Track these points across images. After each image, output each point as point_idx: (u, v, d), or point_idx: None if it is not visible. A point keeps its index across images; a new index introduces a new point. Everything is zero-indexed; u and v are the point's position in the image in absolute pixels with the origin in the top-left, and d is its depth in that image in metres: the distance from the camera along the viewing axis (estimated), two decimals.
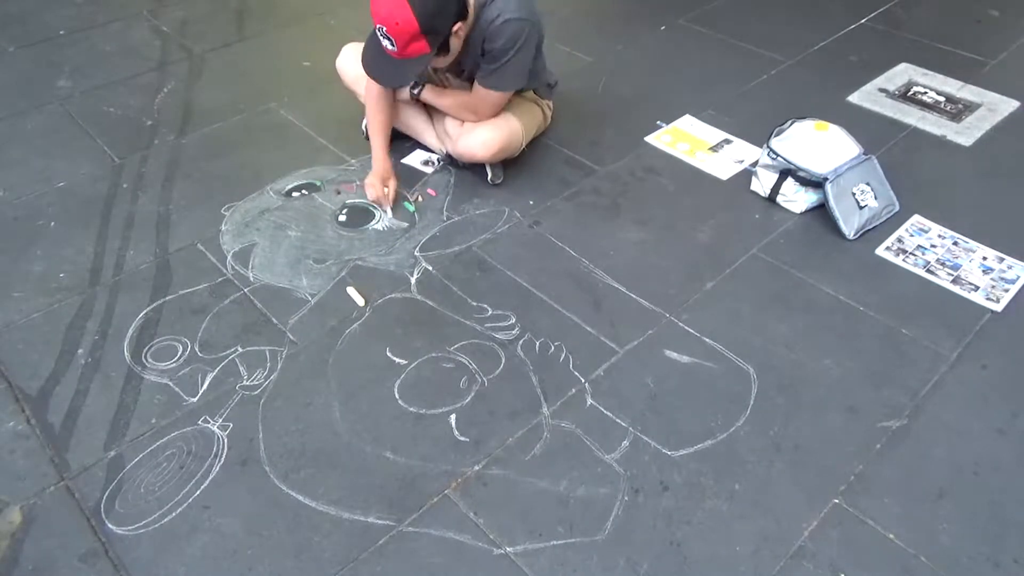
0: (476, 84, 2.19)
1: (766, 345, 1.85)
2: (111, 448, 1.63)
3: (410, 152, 2.49)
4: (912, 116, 2.66)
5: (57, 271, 2.06)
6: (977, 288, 2.00)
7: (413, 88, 2.30)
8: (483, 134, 2.22)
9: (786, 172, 2.22)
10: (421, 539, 1.47)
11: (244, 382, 1.77)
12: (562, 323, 1.91)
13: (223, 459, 1.61)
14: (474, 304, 1.96)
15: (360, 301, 1.97)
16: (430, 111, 2.41)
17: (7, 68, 2.97)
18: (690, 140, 2.55)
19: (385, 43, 1.95)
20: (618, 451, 1.62)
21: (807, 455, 1.62)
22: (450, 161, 2.40)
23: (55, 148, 2.53)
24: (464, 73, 2.24)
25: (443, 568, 1.43)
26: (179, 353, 1.83)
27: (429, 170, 2.42)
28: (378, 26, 1.93)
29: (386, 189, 2.26)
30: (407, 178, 2.39)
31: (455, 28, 1.98)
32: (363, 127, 2.52)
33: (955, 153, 2.50)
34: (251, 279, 2.04)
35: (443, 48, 2.01)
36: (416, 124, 2.44)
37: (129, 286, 2.02)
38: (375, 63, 2.06)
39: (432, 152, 2.47)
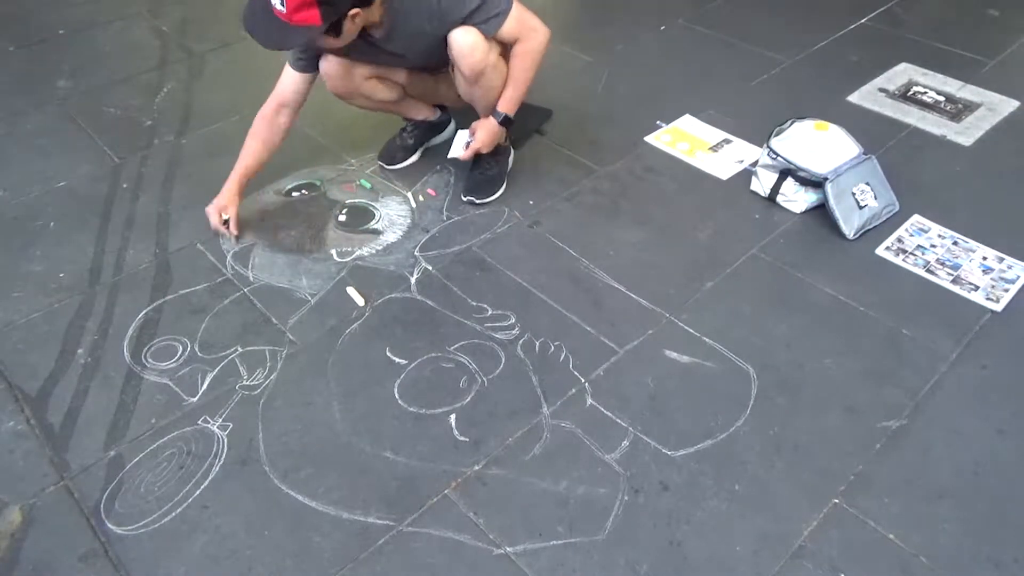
0: (498, 37, 1.97)
1: (766, 345, 1.85)
2: (111, 448, 1.63)
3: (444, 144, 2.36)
4: (912, 116, 2.66)
5: (57, 271, 2.06)
6: (977, 288, 2.00)
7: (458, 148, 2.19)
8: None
9: (786, 172, 2.22)
10: (421, 539, 1.47)
11: (244, 382, 1.77)
12: (562, 323, 1.91)
13: (223, 459, 1.61)
14: (474, 304, 1.96)
15: (360, 301, 1.97)
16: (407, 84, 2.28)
17: (7, 68, 2.97)
18: (690, 140, 2.55)
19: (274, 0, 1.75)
20: (618, 451, 1.62)
21: (807, 455, 1.62)
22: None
23: (55, 148, 2.53)
24: (418, 61, 2.14)
25: (443, 568, 1.43)
26: (179, 353, 1.83)
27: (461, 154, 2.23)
28: None
29: (225, 217, 2.10)
30: (407, 175, 2.39)
31: (352, 12, 1.81)
32: (377, 161, 2.45)
33: (955, 153, 2.50)
34: (251, 279, 2.04)
35: (335, 29, 1.83)
36: (410, 106, 2.37)
37: (129, 286, 2.02)
38: (257, 17, 1.81)
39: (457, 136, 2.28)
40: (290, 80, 2.12)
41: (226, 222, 2.11)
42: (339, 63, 2.12)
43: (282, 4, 1.74)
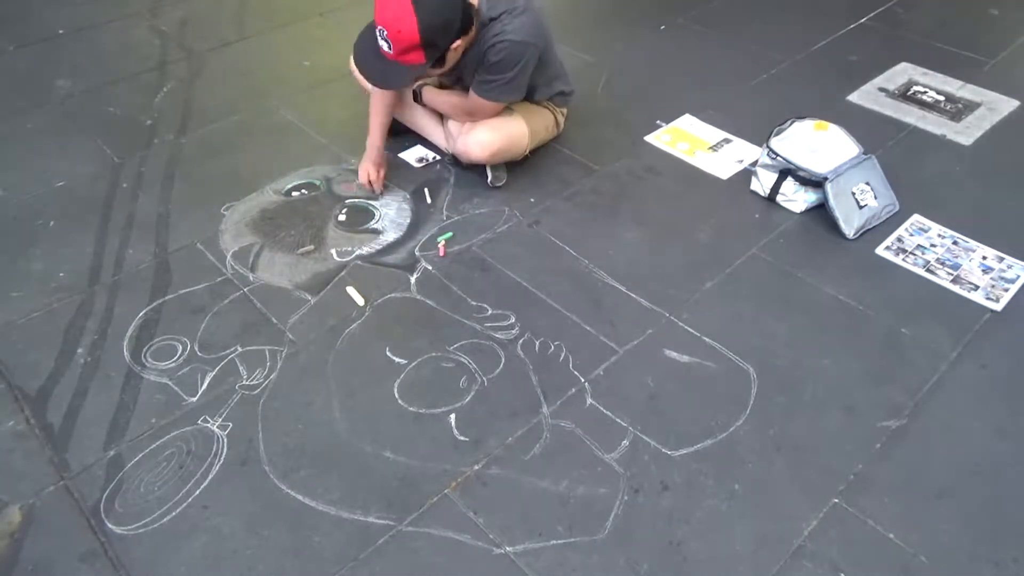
0: (472, 90, 2.18)
1: (766, 345, 1.85)
2: (110, 448, 1.63)
3: (409, 148, 2.49)
4: (912, 116, 2.66)
5: (57, 271, 2.06)
6: (977, 288, 1.99)
7: (414, 95, 2.33)
8: (481, 135, 2.22)
9: (786, 172, 2.22)
10: (421, 539, 1.47)
11: (244, 382, 1.77)
12: (562, 323, 1.91)
13: (223, 459, 1.61)
14: (474, 304, 1.96)
15: (360, 301, 1.97)
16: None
17: (7, 68, 2.97)
18: (690, 140, 2.55)
19: (382, 43, 1.92)
20: (618, 451, 1.62)
21: (807, 455, 1.62)
22: (454, 161, 2.40)
23: (55, 148, 2.53)
24: (460, 82, 2.24)
25: (443, 568, 1.43)
26: (179, 353, 1.83)
27: (421, 167, 2.44)
28: (379, 27, 1.90)
29: (379, 173, 2.30)
30: (406, 175, 2.39)
31: (455, 45, 1.97)
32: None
33: (955, 153, 2.50)
34: (251, 279, 2.04)
35: (439, 62, 2.00)
36: (424, 122, 2.44)
37: (129, 286, 2.02)
38: (367, 59, 2.00)
39: (431, 151, 2.47)
40: None
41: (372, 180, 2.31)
42: None
43: (389, 48, 1.91)
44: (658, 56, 3.06)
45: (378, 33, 1.92)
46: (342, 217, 2.24)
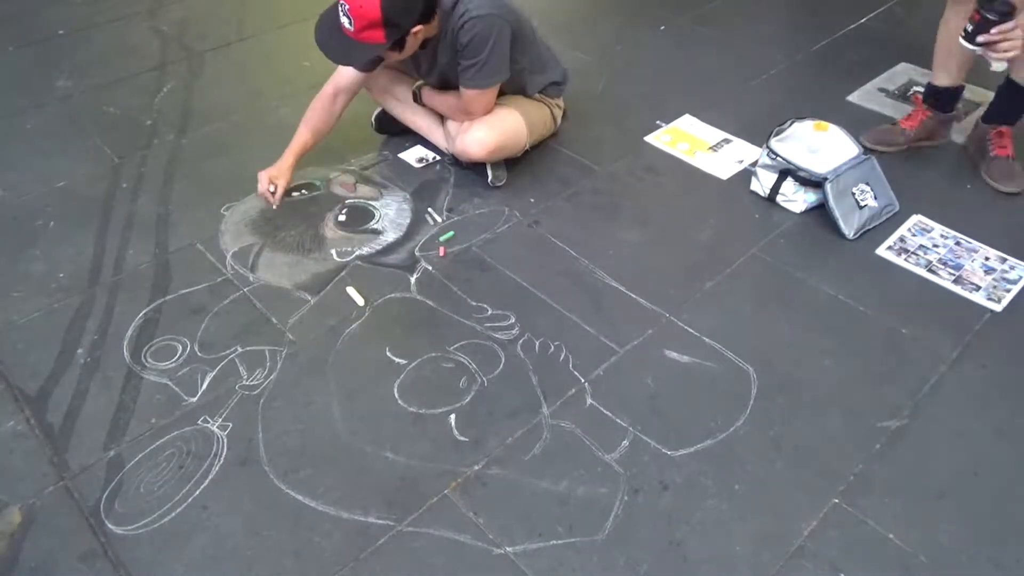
0: (461, 87, 2.18)
1: (766, 345, 1.85)
2: (110, 448, 1.63)
3: (409, 148, 2.49)
4: None
5: (57, 271, 2.06)
6: (979, 288, 1.99)
7: (414, 95, 2.34)
8: (479, 133, 2.22)
9: (786, 172, 2.22)
10: (421, 539, 1.47)
11: (244, 382, 1.77)
12: (562, 323, 1.91)
13: (223, 459, 1.61)
14: (474, 304, 1.96)
15: (360, 301, 1.97)
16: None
17: (7, 68, 2.97)
18: (690, 140, 2.55)
19: (343, 20, 1.92)
20: (618, 451, 1.62)
21: (807, 455, 1.62)
22: (454, 161, 2.40)
23: (55, 148, 2.53)
24: (448, 84, 2.25)
25: (443, 568, 1.43)
26: (179, 353, 1.83)
27: (421, 167, 2.44)
28: (341, 2, 1.91)
29: (272, 187, 2.23)
30: (406, 175, 2.39)
31: (415, 29, 1.97)
32: (371, 119, 2.54)
33: (955, 153, 2.50)
34: (250, 279, 2.04)
35: (399, 45, 2.00)
36: (424, 123, 2.44)
37: (129, 286, 2.02)
38: (327, 33, 1.99)
39: (431, 151, 2.47)
40: (349, 71, 2.23)
41: (274, 192, 2.24)
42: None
43: (350, 24, 1.91)
44: (658, 56, 3.06)
45: (340, 9, 1.92)
46: (342, 217, 2.24)
